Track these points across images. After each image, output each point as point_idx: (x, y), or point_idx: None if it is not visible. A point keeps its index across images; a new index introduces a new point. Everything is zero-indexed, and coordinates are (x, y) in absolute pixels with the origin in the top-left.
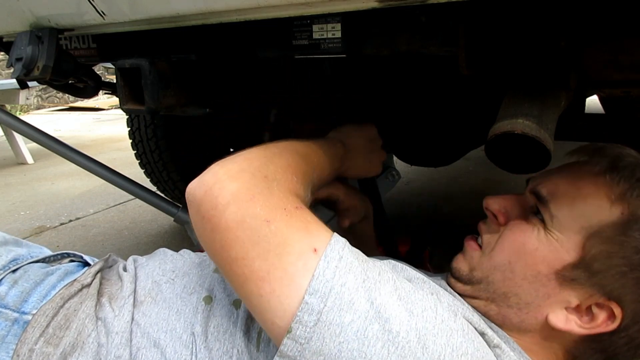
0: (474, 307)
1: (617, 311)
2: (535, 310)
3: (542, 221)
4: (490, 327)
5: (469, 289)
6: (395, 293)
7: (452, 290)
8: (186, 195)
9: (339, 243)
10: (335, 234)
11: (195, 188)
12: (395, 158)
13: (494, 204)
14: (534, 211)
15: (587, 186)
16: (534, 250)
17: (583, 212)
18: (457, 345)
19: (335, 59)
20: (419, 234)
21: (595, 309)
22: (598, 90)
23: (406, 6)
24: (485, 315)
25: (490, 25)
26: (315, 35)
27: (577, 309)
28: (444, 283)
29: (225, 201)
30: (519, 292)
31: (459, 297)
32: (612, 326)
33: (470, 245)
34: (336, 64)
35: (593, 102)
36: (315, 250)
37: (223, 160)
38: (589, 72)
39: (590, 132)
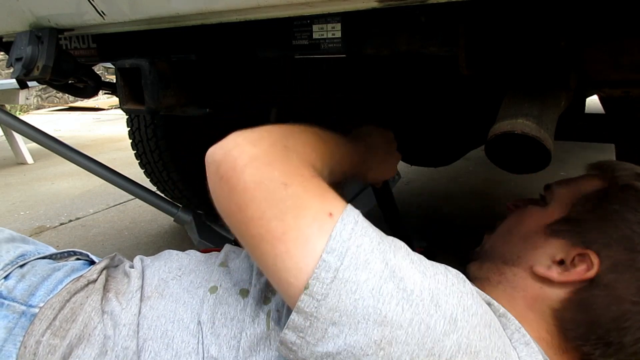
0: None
1: (595, 259)
2: (525, 263)
3: (544, 200)
4: (496, 300)
5: (478, 264)
6: (408, 257)
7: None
8: (206, 158)
9: (355, 210)
10: (349, 204)
11: (215, 150)
12: None
13: (511, 202)
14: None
15: (587, 177)
16: (530, 216)
17: (577, 188)
18: (468, 306)
19: (335, 59)
20: (419, 233)
21: (576, 261)
22: (598, 90)
23: (406, 6)
24: (491, 294)
25: (490, 25)
26: (315, 35)
27: (560, 263)
28: None
29: (244, 163)
30: (513, 250)
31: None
32: (590, 273)
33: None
34: (336, 64)
35: (593, 102)
36: (330, 214)
37: (242, 130)
38: (589, 72)
39: (590, 132)
